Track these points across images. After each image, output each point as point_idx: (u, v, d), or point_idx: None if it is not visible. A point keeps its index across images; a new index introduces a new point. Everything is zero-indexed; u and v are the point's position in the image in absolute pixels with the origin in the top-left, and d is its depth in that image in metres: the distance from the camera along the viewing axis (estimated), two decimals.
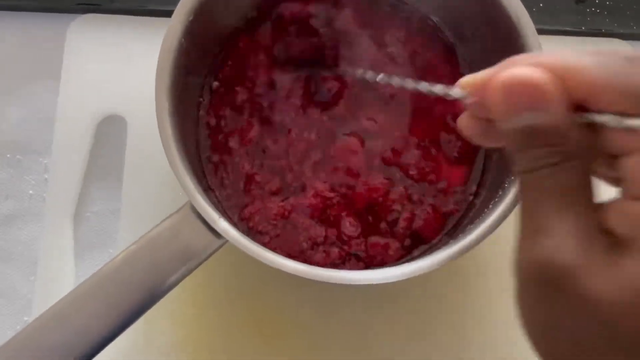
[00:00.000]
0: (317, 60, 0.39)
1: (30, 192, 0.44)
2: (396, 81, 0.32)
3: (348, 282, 0.30)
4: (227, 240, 0.31)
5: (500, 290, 0.41)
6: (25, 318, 0.42)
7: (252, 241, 0.31)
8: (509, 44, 0.35)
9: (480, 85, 0.24)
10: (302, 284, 0.40)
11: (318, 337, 0.40)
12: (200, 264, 0.31)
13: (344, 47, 0.39)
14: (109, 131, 0.44)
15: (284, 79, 0.39)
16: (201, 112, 0.39)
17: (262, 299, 0.40)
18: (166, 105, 0.32)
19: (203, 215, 0.31)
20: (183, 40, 0.33)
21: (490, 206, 0.33)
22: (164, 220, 0.32)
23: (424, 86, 0.29)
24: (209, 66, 0.39)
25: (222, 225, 0.31)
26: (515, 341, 0.40)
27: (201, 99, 0.39)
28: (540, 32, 0.34)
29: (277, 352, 0.40)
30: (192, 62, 0.36)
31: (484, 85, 0.23)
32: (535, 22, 0.34)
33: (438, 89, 0.27)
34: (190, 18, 0.34)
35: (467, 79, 0.25)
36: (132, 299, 0.30)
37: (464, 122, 0.26)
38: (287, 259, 0.31)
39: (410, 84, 0.30)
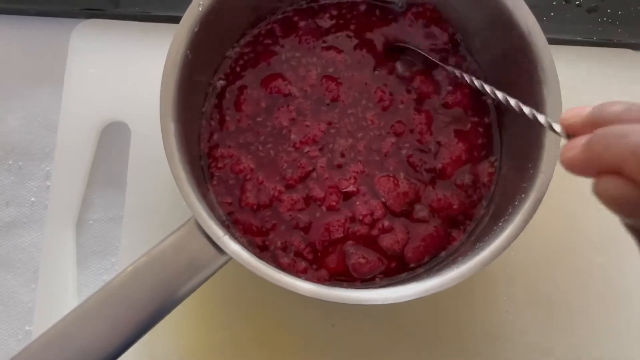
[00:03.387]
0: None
1: (32, 199, 0.44)
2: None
3: (354, 302, 0.30)
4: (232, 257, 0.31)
5: (508, 305, 0.41)
6: (27, 327, 0.42)
7: (257, 258, 0.30)
8: (520, 55, 0.34)
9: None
10: (306, 298, 0.39)
11: (323, 351, 0.40)
12: (205, 279, 0.31)
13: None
14: (112, 138, 0.43)
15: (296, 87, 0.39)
16: (204, 122, 0.39)
17: (266, 313, 0.40)
18: (172, 125, 0.32)
19: (208, 232, 0.30)
20: (188, 52, 0.33)
21: (500, 223, 0.32)
22: (168, 235, 0.31)
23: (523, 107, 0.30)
24: (213, 75, 0.39)
25: (227, 242, 0.30)
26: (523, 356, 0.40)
27: (204, 109, 0.38)
28: (551, 41, 0.34)
29: None
30: (197, 73, 0.35)
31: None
32: (546, 31, 0.33)
33: (540, 116, 0.28)
34: (196, 29, 0.33)
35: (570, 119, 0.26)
36: (137, 317, 0.30)
37: (567, 156, 0.25)
38: (291, 276, 0.30)
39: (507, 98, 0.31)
